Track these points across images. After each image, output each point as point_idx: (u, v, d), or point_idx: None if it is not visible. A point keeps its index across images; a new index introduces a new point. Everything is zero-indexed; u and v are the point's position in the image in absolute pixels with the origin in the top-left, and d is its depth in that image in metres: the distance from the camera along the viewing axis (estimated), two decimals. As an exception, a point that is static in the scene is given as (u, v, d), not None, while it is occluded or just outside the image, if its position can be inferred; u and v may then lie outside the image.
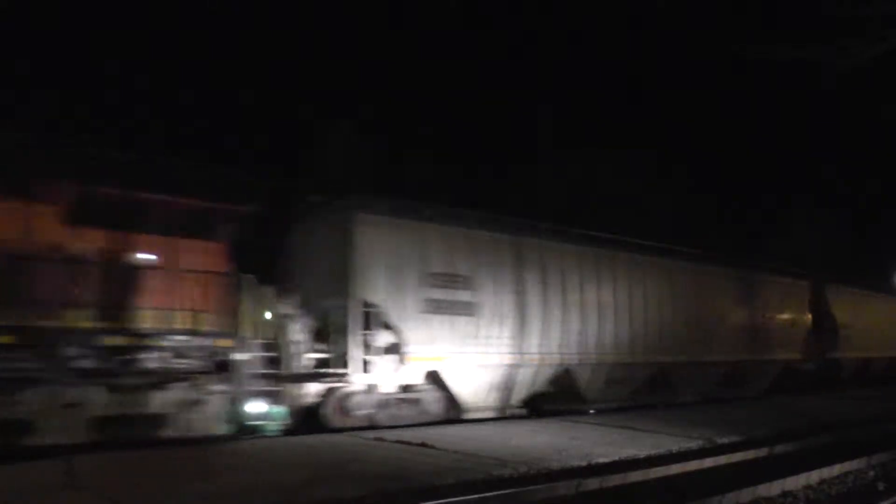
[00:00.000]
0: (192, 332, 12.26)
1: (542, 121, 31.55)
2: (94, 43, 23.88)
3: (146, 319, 11.90)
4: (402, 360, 14.96)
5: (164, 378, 11.92)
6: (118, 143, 13.80)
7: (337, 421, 14.34)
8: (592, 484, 9.98)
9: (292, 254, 15.69)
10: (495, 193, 27.07)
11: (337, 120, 25.97)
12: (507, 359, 16.64)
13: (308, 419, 14.09)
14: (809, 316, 26.63)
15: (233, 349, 12.74)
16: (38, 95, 19.56)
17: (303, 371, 13.99)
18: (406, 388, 15.28)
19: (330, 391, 14.37)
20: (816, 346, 26.31)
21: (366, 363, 14.54)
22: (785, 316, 25.49)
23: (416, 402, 15.45)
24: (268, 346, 13.53)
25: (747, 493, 9.87)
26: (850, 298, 29.35)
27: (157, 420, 11.88)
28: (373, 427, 14.37)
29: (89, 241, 11.59)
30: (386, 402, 14.94)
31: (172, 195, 12.22)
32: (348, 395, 14.55)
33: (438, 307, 15.64)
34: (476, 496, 8.96)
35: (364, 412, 14.66)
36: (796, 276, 26.44)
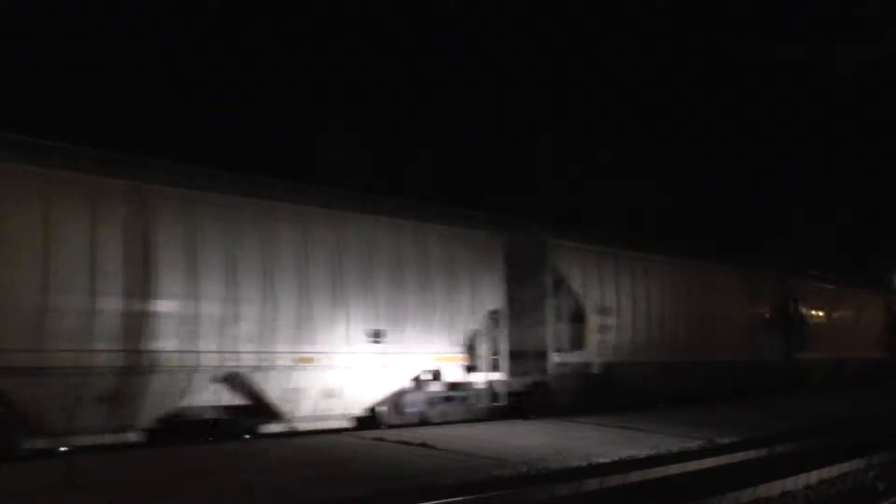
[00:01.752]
0: None
1: (542, 120, 31.57)
2: (87, 39, 23.85)
3: None
4: None
5: None
6: (125, 144, 13.54)
7: None
8: (592, 484, 9.98)
9: None
10: (495, 193, 27.08)
11: (335, 120, 25.97)
12: None
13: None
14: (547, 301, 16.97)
15: None
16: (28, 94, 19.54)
17: None
18: None
19: None
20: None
21: None
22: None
23: None
24: None
25: (747, 494, 9.87)
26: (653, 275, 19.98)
27: None
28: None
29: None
30: None
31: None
32: None
33: None
34: (476, 496, 8.96)
35: None
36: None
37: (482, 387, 15.91)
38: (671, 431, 14.59)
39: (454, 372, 15.50)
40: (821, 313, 26.78)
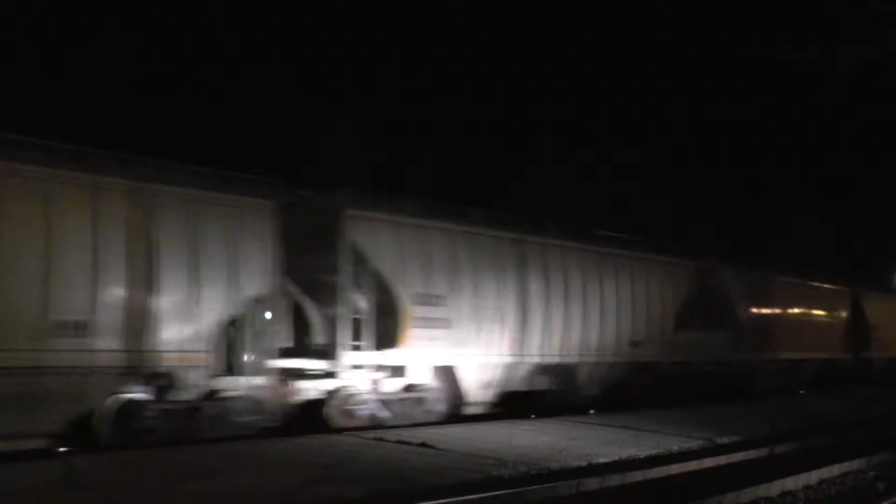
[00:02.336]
0: None
1: (542, 120, 31.58)
2: (86, 38, 23.87)
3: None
4: None
5: None
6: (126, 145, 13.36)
7: None
8: (592, 484, 9.98)
9: None
10: (495, 193, 27.08)
11: (336, 119, 25.97)
12: None
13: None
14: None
15: None
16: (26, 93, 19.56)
17: None
18: None
19: None
20: None
21: None
22: None
23: None
24: None
25: (747, 493, 9.87)
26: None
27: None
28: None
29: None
30: None
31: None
32: None
33: None
34: (476, 496, 8.96)
35: None
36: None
37: (242, 395, 12.70)
38: (671, 431, 14.59)
39: (197, 376, 12.15)
40: (766, 310, 24.25)
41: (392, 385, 14.80)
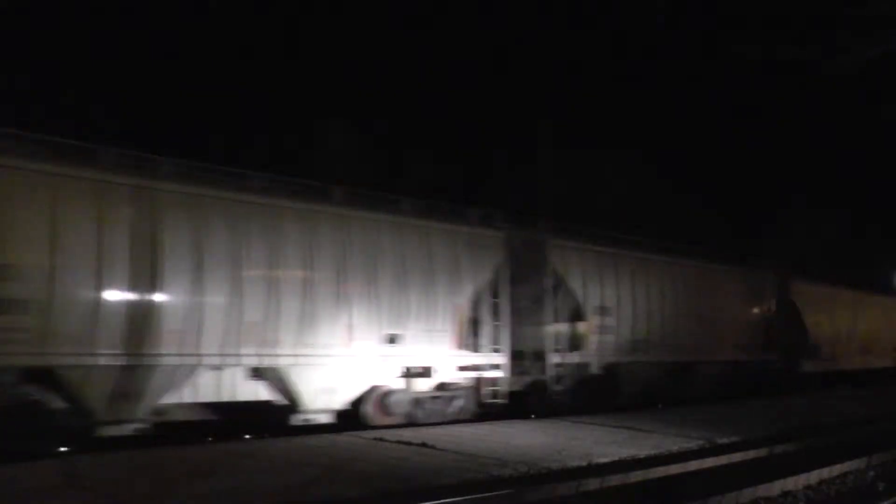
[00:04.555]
0: None
1: (542, 120, 31.58)
2: (85, 37, 23.87)
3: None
4: None
5: None
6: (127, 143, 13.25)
7: None
8: (592, 484, 9.99)
9: None
10: (494, 192, 27.07)
11: (336, 118, 25.98)
12: None
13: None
14: None
15: None
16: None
17: None
18: None
19: None
20: None
21: None
22: None
23: None
24: None
25: (747, 493, 9.89)
26: None
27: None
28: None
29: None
30: None
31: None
32: None
33: None
34: (476, 496, 8.97)
35: None
36: None
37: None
38: (671, 431, 14.59)
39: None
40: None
41: None
